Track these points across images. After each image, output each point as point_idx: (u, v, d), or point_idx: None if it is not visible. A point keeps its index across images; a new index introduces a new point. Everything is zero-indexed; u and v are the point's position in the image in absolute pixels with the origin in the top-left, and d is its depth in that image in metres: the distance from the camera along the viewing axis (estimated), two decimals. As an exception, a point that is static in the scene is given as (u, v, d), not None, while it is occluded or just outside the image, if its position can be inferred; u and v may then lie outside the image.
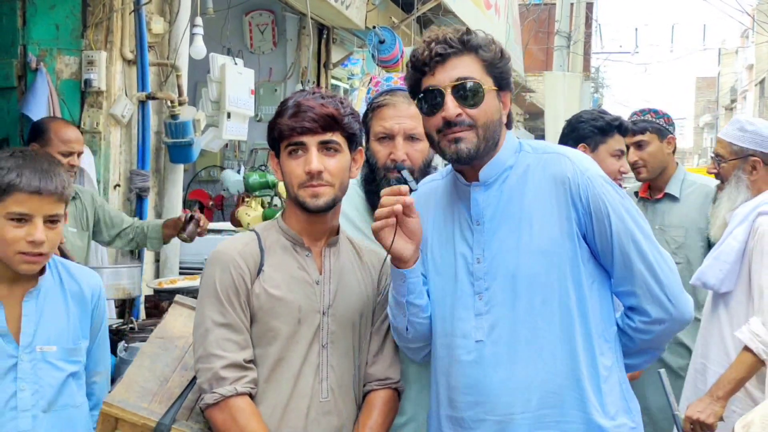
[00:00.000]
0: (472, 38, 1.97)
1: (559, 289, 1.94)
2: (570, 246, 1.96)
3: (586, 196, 1.96)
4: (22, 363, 2.08)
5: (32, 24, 4.25)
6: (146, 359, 2.16)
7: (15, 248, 2.04)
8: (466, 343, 1.98)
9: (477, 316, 1.98)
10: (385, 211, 1.92)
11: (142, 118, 4.41)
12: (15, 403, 2.06)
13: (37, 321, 2.12)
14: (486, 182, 2.02)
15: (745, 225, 2.99)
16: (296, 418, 2.01)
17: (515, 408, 1.94)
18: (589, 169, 2.00)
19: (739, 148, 3.17)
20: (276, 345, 2.02)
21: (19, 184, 2.01)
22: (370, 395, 2.12)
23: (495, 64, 1.98)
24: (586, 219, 1.97)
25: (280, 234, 2.11)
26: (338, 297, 2.09)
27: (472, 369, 1.97)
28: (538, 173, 2.00)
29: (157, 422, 2.03)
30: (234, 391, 1.95)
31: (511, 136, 2.07)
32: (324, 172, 2.02)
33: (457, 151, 1.95)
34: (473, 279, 1.99)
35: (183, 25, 4.65)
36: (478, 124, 1.94)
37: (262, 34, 7.11)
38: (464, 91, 1.94)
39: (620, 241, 1.96)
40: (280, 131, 2.05)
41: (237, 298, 2.01)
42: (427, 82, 1.97)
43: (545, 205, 1.97)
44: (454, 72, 1.94)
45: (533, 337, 1.94)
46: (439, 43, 1.95)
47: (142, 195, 4.44)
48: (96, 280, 2.30)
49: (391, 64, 6.57)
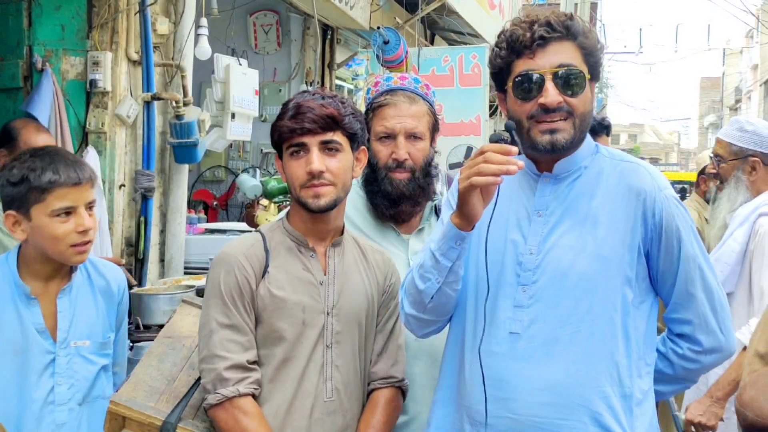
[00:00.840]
0: (574, 24, 1.90)
1: (608, 299, 1.86)
2: (629, 259, 1.89)
3: (660, 214, 1.90)
4: (59, 358, 2.15)
5: (38, 25, 4.26)
6: (154, 359, 2.18)
7: (67, 242, 2.11)
8: (498, 333, 1.90)
9: (516, 308, 1.89)
10: (494, 168, 1.72)
11: (147, 118, 4.42)
12: (53, 398, 2.14)
13: (71, 317, 2.19)
14: (558, 176, 1.95)
15: (745, 226, 3.00)
16: (300, 418, 2.02)
17: (538, 410, 1.84)
18: (667, 187, 1.95)
19: (738, 148, 3.17)
20: (281, 346, 2.03)
21: (59, 180, 2.07)
22: (374, 394, 2.13)
23: (593, 53, 1.92)
24: (654, 236, 1.90)
25: (284, 235, 2.11)
26: (343, 297, 2.09)
27: (501, 361, 1.88)
28: (614, 179, 1.94)
29: (163, 421, 2.04)
30: (236, 392, 1.96)
31: (588, 137, 2.01)
32: (325, 172, 2.03)
33: (553, 141, 1.87)
34: (520, 270, 1.91)
35: (188, 25, 4.66)
36: (576, 114, 1.88)
37: (267, 34, 7.12)
38: (566, 79, 1.87)
39: (687, 266, 1.91)
40: (281, 133, 2.07)
41: (241, 299, 2.02)
42: (525, 65, 1.89)
43: (614, 212, 1.90)
44: (555, 57, 1.87)
45: (572, 342, 1.85)
46: (542, 25, 1.88)
47: (147, 195, 4.45)
48: (120, 275, 2.37)
49: (396, 65, 6.57)
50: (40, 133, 3.42)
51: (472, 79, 7.15)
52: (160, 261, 4.76)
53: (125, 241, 4.43)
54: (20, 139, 3.32)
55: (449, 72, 7.21)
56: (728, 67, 48.31)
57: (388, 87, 2.50)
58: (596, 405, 1.84)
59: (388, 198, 2.42)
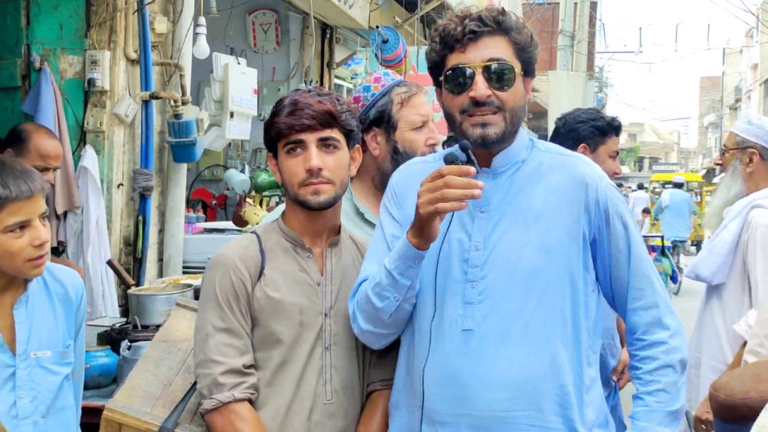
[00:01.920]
0: (506, 19, 1.91)
1: (557, 291, 1.90)
2: (575, 249, 1.92)
3: (604, 203, 1.94)
4: (19, 371, 2.06)
5: (36, 24, 4.26)
6: (150, 363, 2.15)
7: (24, 257, 2.01)
8: (451, 331, 1.90)
9: (466, 305, 1.90)
10: (458, 193, 1.74)
11: (146, 117, 4.41)
12: (16, 412, 2.05)
13: (29, 328, 2.10)
14: (496, 170, 1.96)
15: (739, 219, 3.06)
16: (299, 421, 1.99)
17: (495, 405, 1.86)
18: (605, 177, 2.00)
19: (741, 139, 3.25)
20: (278, 349, 2.00)
21: (11, 195, 1.97)
22: (374, 396, 2.11)
23: (525, 48, 1.93)
24: (600, 224, 1.94)
25: (280, 236, 2.09)
26: (340, 298, 2.07)
27: (455, 359, 1.89)
28: (554, 172, 1.96)
29: (159, 426, 2.02)
30: (232, 398, 1.94)
31: (523, 131, 2.03)
32: (324, 170, 2.00)
33: (483, 135, 1.88)
34: (467, 267, 1.91)
35: (186, 24, 4.66)
36: (506, 108, 1.89)
37: (266, 33, 7.12)
38: (496, 73, 1.88)
39: (637, 250, 1.96)
40: (278, 130, 2.03)
41: (237, 302, 1.99)
42: (456, 59, 1.90)
43: (556, 204, 1.93)
44: (486, 52, 1.89)
45: (524, 335, 1.88)
46: (473, 20, 1.89)
47: (146, 194, 4.44)
48: (78, 280, 2.27)
49: (395, 64, 6.56)
50: (51, 139, 3.42)
51: (471, 78, 7.14)
52: (159, 260, 4.76)
53: (123, 240, 4.42)
54: (30, 142, 3.32)
55: (448, 71, 7.20)
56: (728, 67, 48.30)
57: (397, 81, 2.52)
58: (553, 395, 1.88)
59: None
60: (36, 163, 3.20)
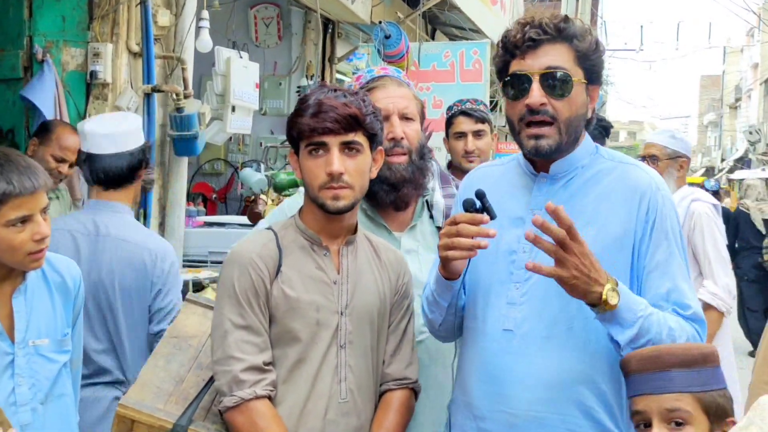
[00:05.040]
0: (568, 26, 1.90)
1: None
2: (620, 257, 1.89)
3: (653, 214, 1.91)
4: (18, 359, 2.09)
5: (39, 16, 4.25)
6: (160, 359, 2.14)
7: (24, 251, 2.05)
8: (493, 330, 1.92)
9: (509, 305, 1.92)
10: (467, 243, 1.80)
11: (148, 110, 4.41)
12: (14, 399, 2.08)
13: (27, 316, 2.13)
14: (554, 176, 1.96)
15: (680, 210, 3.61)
16: (314, 419, 1.98)
17: (533, 405, 1.87)
18: (663, 188, 1.97)
19: (671, 150, 4.19)
20: (295, 346, 1.99)
21: (14, 191, 2.00)
22: (387, 395, 2.10)
23: (588, 55, 1.92)
24: (644, 234, 1.91)
25: (297, 233, 2.07)
26: (356, 297, 2.05)
27: (496, 357, 1.91)
28: (611, 180, 1.95)
29: (173, 423, 2.00)
30: (253, 394, 1.92)
31: (588, 137, 2.01)
32: (345, 174, 1.97)
33: (537, 147, 1.90)
34: (514, 267, 1.93)
35: (189, 18, 4.65)
36: (561, 119, 1.89)
37: (268, 27, 7.11)
38: (552, 81, 1.88)
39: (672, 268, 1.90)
40: (301, 130, 2.00)
41: (256, 299, 1.98)
42: (516, 66, 1.91)
43: (607, 212, 1.91)
44: (544, 59, 1.88)
45: (565, 338, 1.87)
46: (534, 27, 1.89)
47: (147, 187, 4.43)
48: (75, 269, 2.30)
49: (397, 59, 6.55)
50: (73, 134, 3.54)
51: (473, 75, 7.13)
52: (159, 254, 4.74)
53: (124, 233, 4.41)
54: (54, 133, 3.56)
55: (450, 67, 7.20)
56: (728, 66, 48.22)
57: (371, 76, 2.48)
58: (590, 400, 1.87)
59: (386, 183, 2.34)
60: (55, 153, 3.52)
